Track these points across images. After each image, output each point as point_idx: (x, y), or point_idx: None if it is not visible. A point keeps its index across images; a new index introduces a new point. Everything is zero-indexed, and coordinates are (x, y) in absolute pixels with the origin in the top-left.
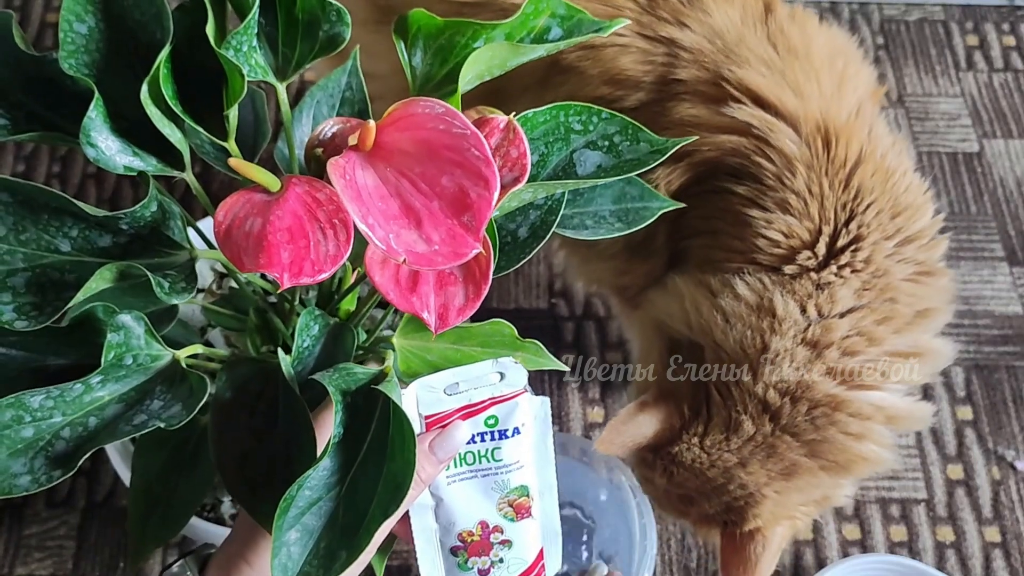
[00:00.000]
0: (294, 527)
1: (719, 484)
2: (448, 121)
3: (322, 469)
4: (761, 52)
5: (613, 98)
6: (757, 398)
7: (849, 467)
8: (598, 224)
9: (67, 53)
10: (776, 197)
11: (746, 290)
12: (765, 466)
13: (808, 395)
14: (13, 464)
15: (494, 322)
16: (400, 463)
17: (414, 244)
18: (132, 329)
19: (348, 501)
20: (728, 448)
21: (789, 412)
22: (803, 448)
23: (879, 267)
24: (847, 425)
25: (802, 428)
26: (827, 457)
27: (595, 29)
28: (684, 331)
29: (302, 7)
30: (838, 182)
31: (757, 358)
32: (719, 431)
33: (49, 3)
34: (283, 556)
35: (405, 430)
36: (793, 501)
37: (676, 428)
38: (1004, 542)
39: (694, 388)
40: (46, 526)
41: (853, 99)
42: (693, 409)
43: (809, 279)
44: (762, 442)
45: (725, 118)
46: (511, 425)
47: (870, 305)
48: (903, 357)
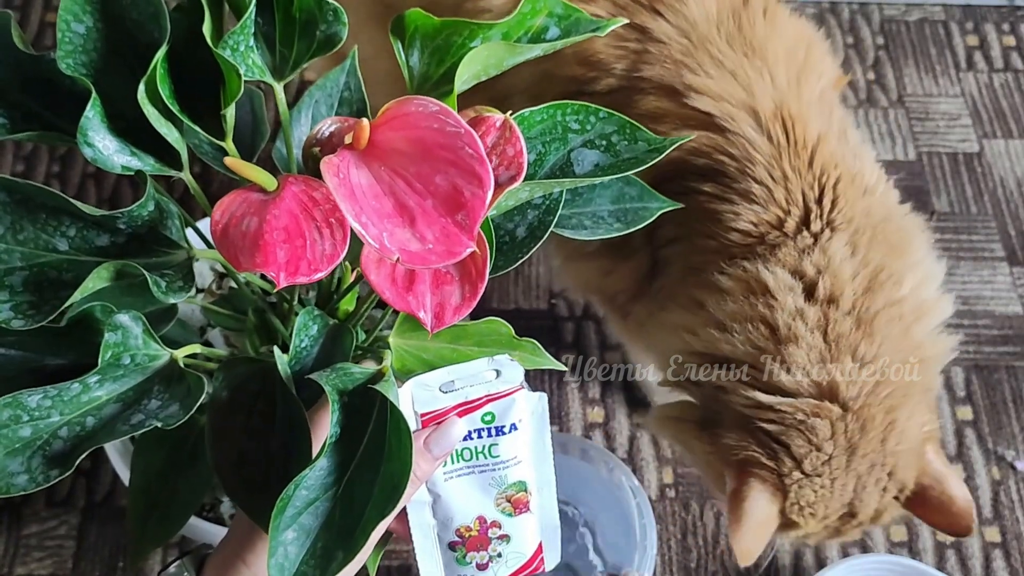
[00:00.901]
0: (291, 527)
1: (858, 485)
2: (442, 120)
3: (319, 469)
4: (717, 52)
5: (585, 79)
6: (805, 392)
7: (929, 365)
8: (597, 224)
9: (65, 53)
10: (740, 188)
11: (729, 282)
12: (868, 436)
13: (841, 341)
14: (11, 463)
15: (490, 320)
16: (397, 463)
17: (408, 243)
18: (130, 329)
19: (345, 501)
20: (829, 457)
21: (842, 379)
22: (883, 399)
23: (857, 218)
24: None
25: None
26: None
27: (593, 28)
28: (695, 360)
29: (299, 6)
30: (802, 164)
31: (775, 347)
32: (807, 453)
33: (48, 3)
34: (280, 556)
35: (402, 430)
36: (914, 434)
37: (780, 487)
38: (1004, 542)
39: (755, 439)
40: (46, 526)
41: (815, 88)
42: (770, 457)
43: (789, 247)
44: (848, 422)
45: (688, 109)
46: (508, 421)
47: (866, 244)
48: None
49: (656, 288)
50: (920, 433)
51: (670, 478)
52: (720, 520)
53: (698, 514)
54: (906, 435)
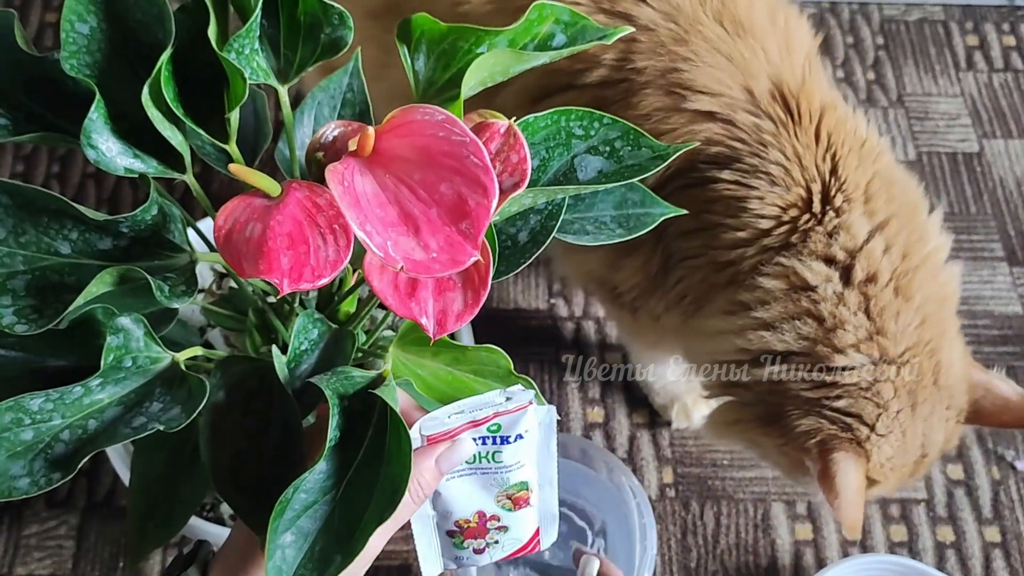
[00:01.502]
0: (289, 530)
1: (925, 427)
2: (448, 128)
3: (318, 472)
4: (710, 34)
5: (573, 72)
6: (861, 363)
7: (951, 299)
8: (599, 230)
9: (69, 54)
10: (760, 172)
11: (772, 282)
12: (923, 384)
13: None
14: (12, 467)
15: (491, 350)
16: (396, 467)
17: (412, 251)
18: (131, 332)
19: (343, 504)
20: (897, 412)
21: (892, 342)
22: (926, 346)
23: (871, 184)
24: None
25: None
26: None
27: (599, 36)
28: (743, 359)
29: (304, 10)
30: (810, 139)
31: (824, 335)
32: (878, 416)
33: (49, 3)
34: (277, 559)
35: (402, 434)
36: (957, 365)
37: (863, 453)
38: (1004, 542)
39: (826, 418)
40: (46, 526)
41: (801, 55)
42: (845, 429)
43: (818, 233)
44: (904, 377)
45: (688, 112)
46: (514, 432)
47: (885, 209)
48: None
49: (675, 286)
50: (960, 359)
51: (670, 478)
52: (720, 520)
53: (698, 514)
54: (952, 369)
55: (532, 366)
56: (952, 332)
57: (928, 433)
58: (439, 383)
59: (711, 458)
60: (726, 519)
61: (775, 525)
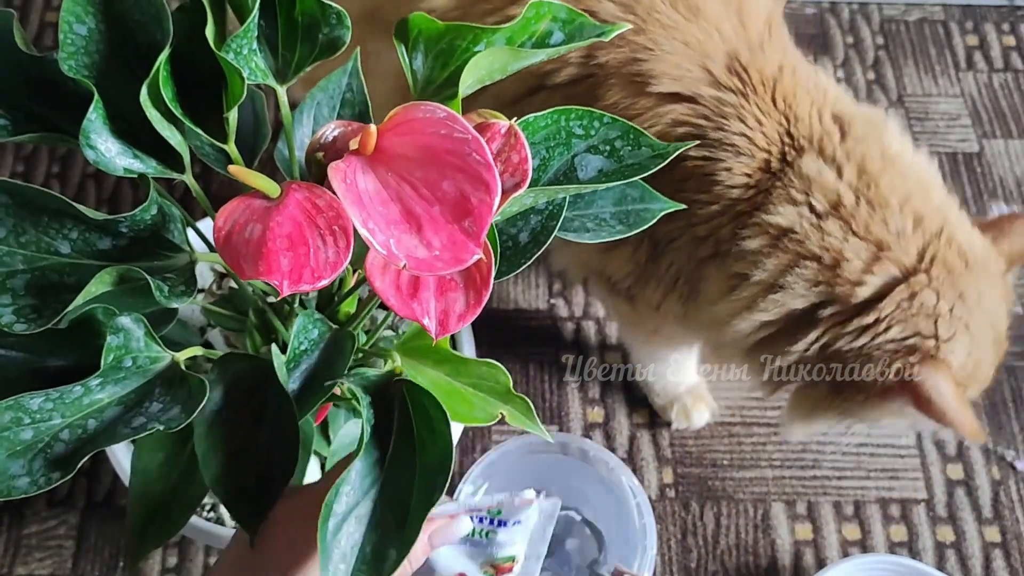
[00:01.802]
0: (337, 535)
1: (985, 312)
2: (449, 126)
3: (355, 472)
4: (667, 21)
5: (544, 73)
6: (891, 284)
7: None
8: (599, 227)
9: (67, 55)
10: (725, 145)
11: (754, 242)
12: (956, 273)
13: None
14: (12, 466)
15: (492, 365)
16: (434, 452)
17: (415, 249)
18: (131, 331)
19: (387, 498)
20: (950, 311)
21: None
22: (942, 240)
23: (820, 130)
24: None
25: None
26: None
27: (597, 34)
28: (766, 332)
29: (302, 10)
30: (768, 106)
31: (832, 274)
32: (934, 323)
33: (49, 3)
34: (331, 569)
35: (432, 419)
36: (975, 236)
37: (942, 363)
38: (1004, 542)
39: (888, 352)
40: (46, 525)
41: (758, 24)
42: (912, 351)
43: (778, 187)
44: (936, 275)
45: (653, 95)
46: (513, 518)
47: (836, 143)
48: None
49: (667, 270)
50: (974, 231)
51: (670, 478)
52: (720, 520)
53: (698, 514)
54: (974, 244)
55: (532, 366)
56: (953, 212)
57: (988, 313)
58: (437, 393)
59: (711, 458)
60: (726, 519)
61: (775, 525)
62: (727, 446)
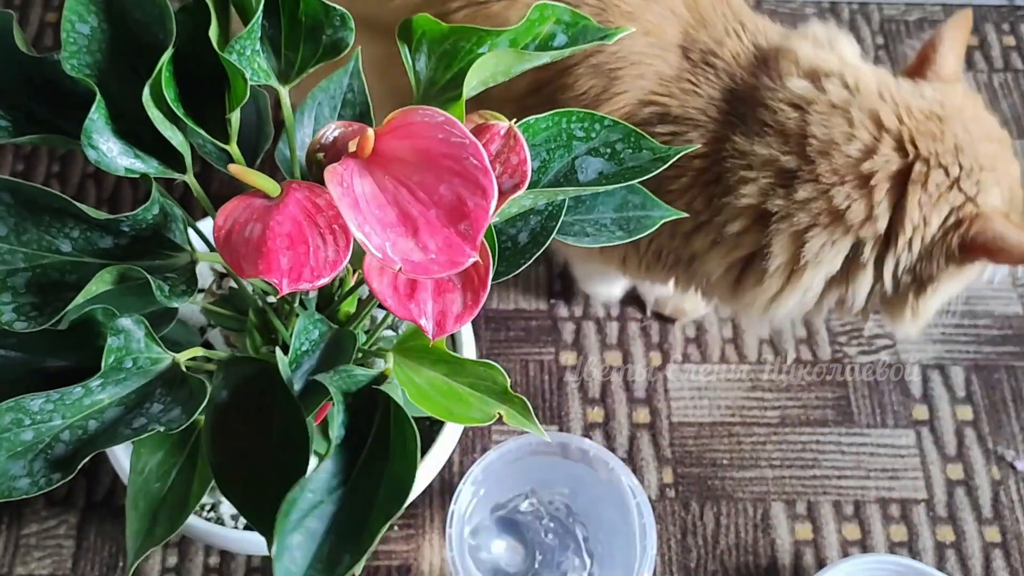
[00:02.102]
0: (296, 530)
1: (1000, 151)
2: (447, 130)
3: (324, 471)
4: (626, 7)
5: None
6: (893, 162)
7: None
8: (599, 232)
9: (69, 54)
10: (685, 120)
11: (734, 225)
12: (951, 126)
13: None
14: (12, 467)
15: (490, 365)
16: (402, 464)
17: (410, 252)
18: (132, 332)
19: (351, 503)
20: (966, 165)
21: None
22: (915, 109)
23: (738, 63)
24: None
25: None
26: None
27: (600, 36)
28: (822, 298)
29: (305, 11)
30: (713, 77)
31: (837, 220)
32: (957, 180)
33: (49, 3)
34: (286, 560)
35: (407, 431)
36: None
37: (984, 214)
38: (1004, 542)
39: (935, 226)
40: (45, 525)
41: None
42: (950, 216)
43: (737, 133)
44: (939, 132)
45: (619, 79)
46: None
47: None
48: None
49: (647, 247)
50: (915, 83)
51: (670, 478)
52: (720, 520)
53: (698, 514)
54: (926, 96)
55: (532, 366)
56: (890, 85)
57: (983, 137)
58: (434, 392)
59: (711, 458)
60: (726, 519)
61: (775, 525)
62: (727, 446)
